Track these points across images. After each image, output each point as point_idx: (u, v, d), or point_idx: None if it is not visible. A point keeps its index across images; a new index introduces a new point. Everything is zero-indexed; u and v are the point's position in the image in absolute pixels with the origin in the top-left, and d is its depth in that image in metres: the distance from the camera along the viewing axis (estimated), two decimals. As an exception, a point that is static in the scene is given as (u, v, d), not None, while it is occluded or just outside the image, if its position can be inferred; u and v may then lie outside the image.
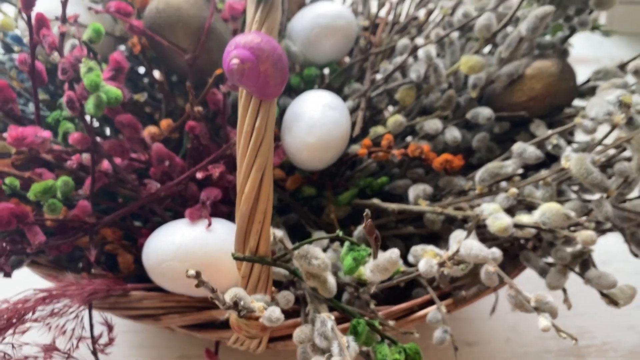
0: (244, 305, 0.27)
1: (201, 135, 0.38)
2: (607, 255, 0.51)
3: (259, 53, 0.28)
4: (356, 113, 0.45)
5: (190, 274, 0.22)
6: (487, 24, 0.40)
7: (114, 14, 0.37)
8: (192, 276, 0.22)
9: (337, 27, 0.46)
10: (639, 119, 0.36)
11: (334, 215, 0.42)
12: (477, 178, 0.38)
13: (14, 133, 0.33)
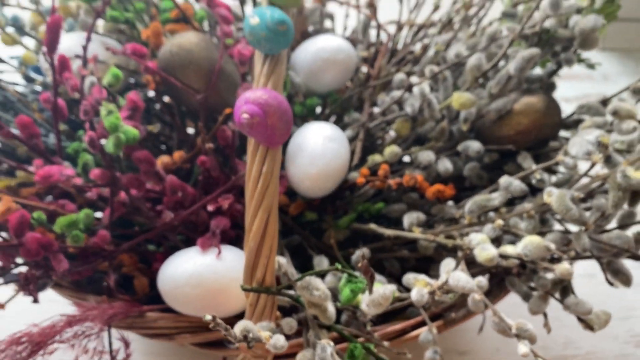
0: (252, 337, 0.30)
1: (211, 168, 0.41)
2: (593, 269, 0.54)
3: (267, 108, 0.31)
4: (355, 142, 0.48)
5: (207, 319, 0.25)
6: (477, 64, 0.42)
7: (130, 55, 0.40)
8: (209, 320, 0.25)
9: (338, 61, 0.49)
10: (617, 157, 0.39)
11: (333, 240, 0.45)
12: (466, 209, 0.41)
13: (41, 172, 0.36)
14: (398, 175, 0.46)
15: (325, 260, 0.43)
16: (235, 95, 0.42)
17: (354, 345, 0.34)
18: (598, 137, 0.38)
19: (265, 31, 0.32)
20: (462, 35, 0.48)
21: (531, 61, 0.41)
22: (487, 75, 0.47)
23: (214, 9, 0.41)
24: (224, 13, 0.41)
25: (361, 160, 0.47)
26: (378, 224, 0.46)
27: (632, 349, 0.61)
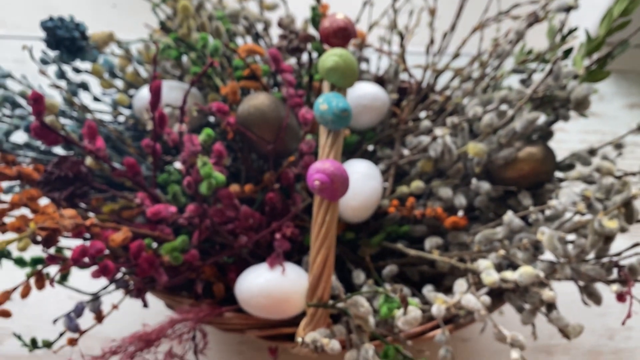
0: (319, 345, 0.40)
1: (276, 202, 0.51)
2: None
3: (332, 177, 0.41)
4: (387, 174, 0.58)
5: (297, 340, 0.36)
6: (489, 123, 0.52)
7: (216, 113, 0.49)
8: (298, 342, 0.36)
9: (375, 107, 0.58)
10: (597, 205, 0.49)
11: (368, 256, 0.55)
12: (476, 239, 0.51)
13: (153, 209, 0.46)
14: (422, 204, 0.56)
15: (362, 274, 0.53)
16: (296, 143, 0.52)
17: (388, 347, 0.45)
18: (582, 191, 0.48)
19: (332, 116, 0.41)
20: (478, 89, 0.58)
21: (534, 122, 0.51)
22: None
23: (281, 73, 0.50)
24: (288, 78, 0.50)
25: (391, 190, 0.57)
26: (403, 241, 0.57)
27: (605, 340, 0.72)
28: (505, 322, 0.55)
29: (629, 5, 0.56)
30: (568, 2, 0.55)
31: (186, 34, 0.54)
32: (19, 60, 0.95)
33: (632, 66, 0.94)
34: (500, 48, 0.57)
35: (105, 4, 1.02)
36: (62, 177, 0.47)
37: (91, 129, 0.47)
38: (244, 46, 0.52)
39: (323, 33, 0.47)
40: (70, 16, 0.53)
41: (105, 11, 1.01)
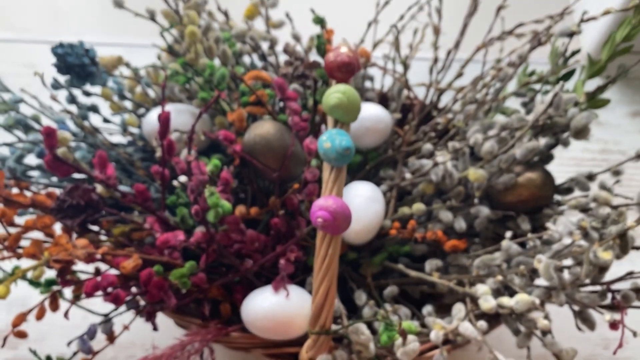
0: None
1: (281, 227, 0.52)
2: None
3: (335, 214, 0.42)
4: (389, 195, 0.59)
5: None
6: (490, 150, 0.53)
7: (223, 141, 0.50)
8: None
9: (378, 129, 0.59)
10: (593, 234, 0.50)
11: (370, 276, 0.57)
12: (474, 264, 0.52)
13: (162, 238, 0.47)
14: (423, 225, 0.57)
15: (363, 295, 0.55)
16: (301, 167, 0.53)
17: (388, 371, 0.47)
18: (579, 221, 0.49)
19: (335, 154, 0.42)
20: (480, 113, 0.58)
21: (533, 151, 0.52)
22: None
23: (286, 101, 0.51)
24: (294, 106, 0.51)
25: (394, 211, 0.58)
26: (405, 258, 0.58)
27: (600, 350, 0.73)
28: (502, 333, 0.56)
29: (632, 31, 0.56)
30: (571, 27, 0.56)
31: (193, 59, 0.55)
32: (29, 64, 0.96)
33: (636, 73, 0.94)
34: (503, 72, 0.58)
35: (112, 6, 1.02)
36: (74, 205, 0.48)
37: (101, 159, 0.48)
38: (250, 73, 0.53)
39: (327, 66, 0.48)
40: (80, 42, 0.54)
41: (113, 13, 1.00)
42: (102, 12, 1.02)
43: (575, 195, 0.57)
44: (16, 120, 0.53)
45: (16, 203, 0.48)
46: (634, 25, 0.56)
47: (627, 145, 0.89)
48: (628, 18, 0.57)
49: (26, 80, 0.86)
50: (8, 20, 1.02)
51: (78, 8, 1.00)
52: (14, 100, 0.52)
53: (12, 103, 0.52)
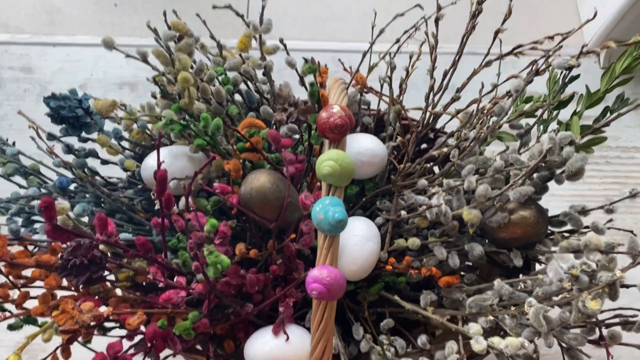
0: None
1: (280, 272, 0.53)
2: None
3: (330, 287, 0.43)
4: (385, 227, 0.59)
5: None
6: (484, 193, 0.52)
7: (219, 194, 0.50)
8: None
9: (374, 162, 0.58)
10: (584, 278, 0.50)
11: (367, 311, 0.58)
12: (467, 304, 0.53)
13: (164, 296, 0.48)
14: (418, 258, 0.58)
15: (360, 329, 0.56)
16: (298, 213, 0.53)
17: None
18: (570, 268, 0.49)
19: (328, 225, 0.43)
20: (476, 147, 0.57)
21: (526, 195, 0.51)
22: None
23: (281, 152, 0.51)
24: (288, 157, 0.51)
25: (390, 243, 0.59)
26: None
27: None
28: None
29: (632, 63, 0.54)
30: (570, 61, 0.54)
31: (188, 103, 0.54)
32: (26, 68, 0.95)
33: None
34: (498, 106, 0.56)
35: (107, 4, 0.98)
36: (77, 264, 0.49)
37: (101, 220, 0.48)
38: (244, 122, 0.52)
39: (320, 127, 0.47)
40: (72, 91, 0.53)
41: (108, 11, 0.97)
42: (96, 11, 0.99)
43: (569, 228, 0.57)
44: (15, 169, 0.53)
45: (20, 265, 0.48)
46: (635, 57, 0.54)
47: (626, 140, 0.88)
48: (629, 50, 0.54)
49: (24, 85, 0.86)
50: (1, 20, 0.99)
51: (72, 7, 0.97)
52: (12, 153, 0.52)
53: (11, 155, 0.52)
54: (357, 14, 0.94)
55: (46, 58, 0.91)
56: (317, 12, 0.95)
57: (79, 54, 0.91)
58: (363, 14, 0.92)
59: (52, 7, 0.97)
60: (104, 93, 0.88)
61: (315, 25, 0.94)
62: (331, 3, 0.96)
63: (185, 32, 0.55)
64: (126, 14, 0.98)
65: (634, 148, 0.88)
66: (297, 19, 0.94)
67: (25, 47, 0.94)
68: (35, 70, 0.90)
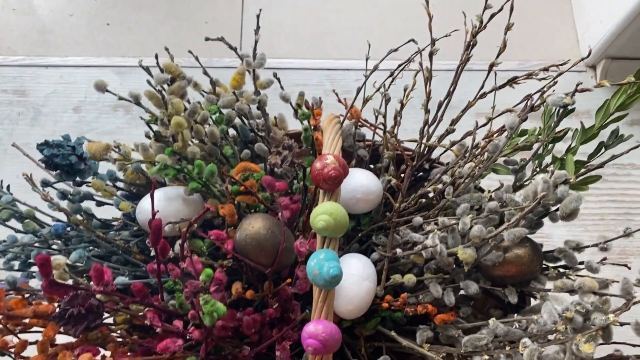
0: None
1: (276, 314, 0.53)
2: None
3: (325, 342, 0.43)
4: (381, 263, 0.59)
5: None
6: (478, 234, 0.52)
7: (214, 240, 0.50)
8: None
9: (369, 199, 0.58)
10: (578, 318, 0.51)
11: (363, 343, 0.58)
12: (462, 343, 0.53)
13: (161, 345, 0.49)
14: (414, 295, 0.58)
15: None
16: (292, 257, 0.53)
17: None
18: (564, 311, 0.49)
19: (323, 281, 0.43)
20: (470, 184, 0.57)
21: (520, 236, 0.51)
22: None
23: (276, 198, 0.51)
24: (283, 202, 0.51)
25: (386, 278, 0.59)
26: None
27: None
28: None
29: (626, 100, 0.54)
30: (564, 99, 0.54)
31: (182, 147, 0.54)
32: (19, 91, 0.94)
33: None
34: (492, 144, 0.56)
35: (99, 23, 0.97)
36: (75, 313, 0.49)
37: (97, 272, 0.48)
38: (239, 166, 0.52)
39: (314, 177, 0.47)
40: (65, 138, 0.53)
41: (100, 31, 0.96)
42: (89, 31, 0.98)
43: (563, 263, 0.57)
44: (10, 214, 0.53)
45: (19, 317, 0.49)
46: (629, 95, 0.54)
47: (622, 157, 0.87)
48: (624, 88, 0.54)
49: (18, 108, 0.85)
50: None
51: (64, 27, 0.96)
52: (7, 201, 0.52)
53: (6, 203, 0.52)
54: (351, 31, 0.94)
55: (39, 80, 0.90)
56: (311, 29, 0.95)
57: (72, 76, 0.91)
58: (357, 32, 0.91)
59: (44, 27, 0.96)
60: (99, 116, 0.88)
61: (309, 43, 0.94)
62: (325, 19, 0.96)
63: (178, 75, 0.54)
64: (119, 33, 0.97)
65: (630, 165, 0.88)
66: (291, 36, 0.94)
67: (18, 68, 0.93)
68: (28, 92, 0.90)
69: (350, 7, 0.96)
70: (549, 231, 0.73)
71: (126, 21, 0.96)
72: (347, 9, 0.96)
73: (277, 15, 0.96)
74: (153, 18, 0.95)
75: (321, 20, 0.96)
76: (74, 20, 0.98)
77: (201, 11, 0.92)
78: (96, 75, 0.89)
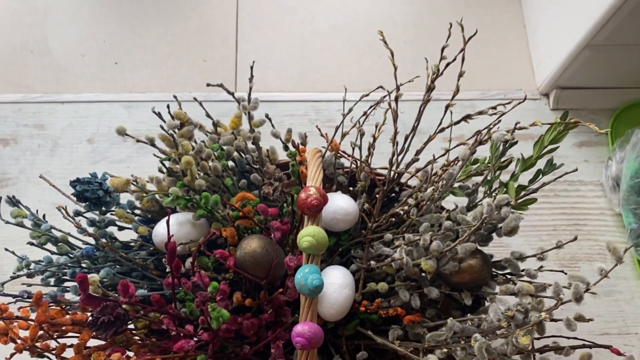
0: None
1: (270, 318, 0.64)
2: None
3: (311, 340, 0.53)
4: (359, 273, 0.70)
5: None
6: (436, 248, 0.63)
7: (218, 258, 0.61)
8: None
9: (348, 219, 0.69)
10: (518, 316, 0.61)
11: (344, 342, 0.69)
12: (426, 338, 0.64)
13: (177, 345, 0.59)
14: (387, 299, 0.69)
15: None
16: (284, 270, 0.64)
17: None
18: (505, 312, 0.60)
19: (308, 290, 0.53)
20: (432, 206, 0.68)
21: (471, 249, 0.62)
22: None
23: (269, 222, 0.61)
24: (275, 225, 0.61)
25: (363, 286, 0.70)
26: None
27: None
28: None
29: (557, 136, 0.65)
30: (506, 136, 0.65)
31: (190, 180, 0.64)
32: (39, 125, 1.04)
33: (582, 104, 1.02)
34: (448, 173, 0.67)
35: (108, 62, 1.08)
36: (105, 321, 0.59)
37: (124, 286, 0.58)
38: (238, 196, 0.63)
39: (299, 205, 0.58)
40: (93, 175, 0.63)
41: (109, 69, 1.07)
42: (99, 69, 1.09)
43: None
44: (47, 239, 0.63)
45: (59, 324, 0.59)
46: (559, 131, 0.65)
47: (572, 175, 0.99)
48: (555, 125, 0.66)
49: (38, 141, 0.96)
50: (13, 80, 1.08)
51: (76, 66, 1.07)
52: (46, 229, 0.62)
53: (45, 230, 0.62)
54: (333, 67, 1.05)
55: (56, 115, 1.00)
56: (297, 67, 1.06)
57: (85, 110, 1.01)
58: (338, 67, 1.03)
59: (59, 67, 1.06)
60: (110, 146, 0.98)
61: (296, 77, 1.05)
62: (310, 58, 1.07)
63: (186, 121, 0.65)
64: (127, 71, 1.07)
65: (579, 181, 0.99)
66: (280, 72, 1.05)
67: (37, 105, 1.03)
68: (46, 126, 1.00)
69: (332, 47, 1.07)
70: (508, 241, 0.84)
71: (132, 60, 1.06)
72: (329, 48, 1.07)
73: (268, 54, 1.07)
74: (156, 57, 1.05)
75: (306, 59, 1.07)
76: (85, 60, 1.09)
77: (199, 51, 1.02)
78: (106, 110, 0.99)
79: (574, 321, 0.60)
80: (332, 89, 1.02)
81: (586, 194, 0.98)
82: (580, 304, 0.60)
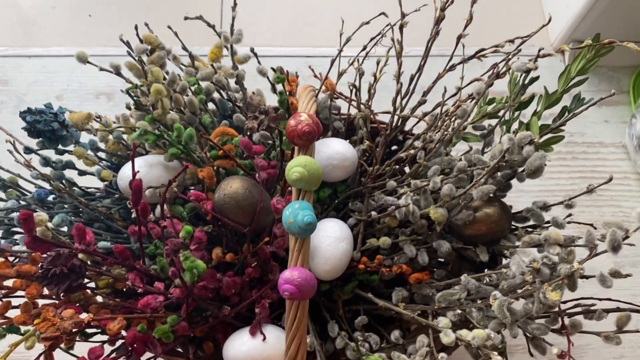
0: None
1: (255, 274, 0.55)
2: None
3: (300, 287, 0.45)
4: (357, 228, 0.61)
5: None
6: (448, 192, 0.55)
7: (194, 201, 0.52)
8: None
9: (344, 166, 0.60)
10: (545, 270, 0.53)
11: (341, 308, 0.60)
12: (436, 298, 0.55)
13: (142, 302, 0.50)
14: (389, 257, 0.60)
15: (336, 327, 0.58)
16: (271, 218, 0.55)
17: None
18: (531, 262, 0.52)
19: (298, 229, 0.45)
20: (441, 148, 0.60)
21: (488, 193, 0.54)
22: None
23: (253, 159, 0.53)
24: (260, 163, 0.53)
25: (362, 243, 0.61)
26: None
27: None
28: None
29: (586, 65, 0.57)
30: (527, 64, 0.56)
31: (161, 114, 0.55)
32: (2, 80, 0.95)
33: (601, 61, 0.94)
34: (461, 109, 0.59)
35: (81, 15, 0.99)
36: (57, 273, 0.50)
37: (79, 231, 0.49)
38: (216, 130, 0.54)
39: (288, 134, 0.49)
40: (48, 105, 0.54)
41: (82, 22, 0.98)
42: (71, 23, 1.00)
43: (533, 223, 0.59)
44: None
45: (2, 276, 0.50)
46: (588, 59, 0.57)
47: (591, 136, 0.91)
48: (583, 52, 0.57)
49: (1, 97, 0.87)
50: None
51: (47, 19, 0.98)
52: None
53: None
54: (328, 20, 0.97)
55: (22, 70, 0.92)
56: (289, 19, 0.97)
57: (54, 65, 0.92)
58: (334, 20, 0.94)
59: (27, 19, 0.98)
60: (81, 103, 0.90)
61: (287, 31, 0.96)
62: (302, 9, 0.98)
63: (157, 45, 0.56)
64: (100, 25, 0.98)
65: (599, 143, 0.91)
66: (270, 25, 0.96)
67: (1, 59, 0.95)
68: (11, 82, 0.91)
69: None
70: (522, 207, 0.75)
71: (108, 13, 0.98)
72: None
73: (257, 4, 0.98)
74: (134, 11, 0.97)
75: (298, 10, 0.99)
76: (56, 12, 1.00)
77: (181, 4, 0.94)
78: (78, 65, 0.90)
79: (609, 277, 0.52)
80: (327, 44, 0.94)
81: (607, 157, 0.90)
82: (617, 253, 0.51)
